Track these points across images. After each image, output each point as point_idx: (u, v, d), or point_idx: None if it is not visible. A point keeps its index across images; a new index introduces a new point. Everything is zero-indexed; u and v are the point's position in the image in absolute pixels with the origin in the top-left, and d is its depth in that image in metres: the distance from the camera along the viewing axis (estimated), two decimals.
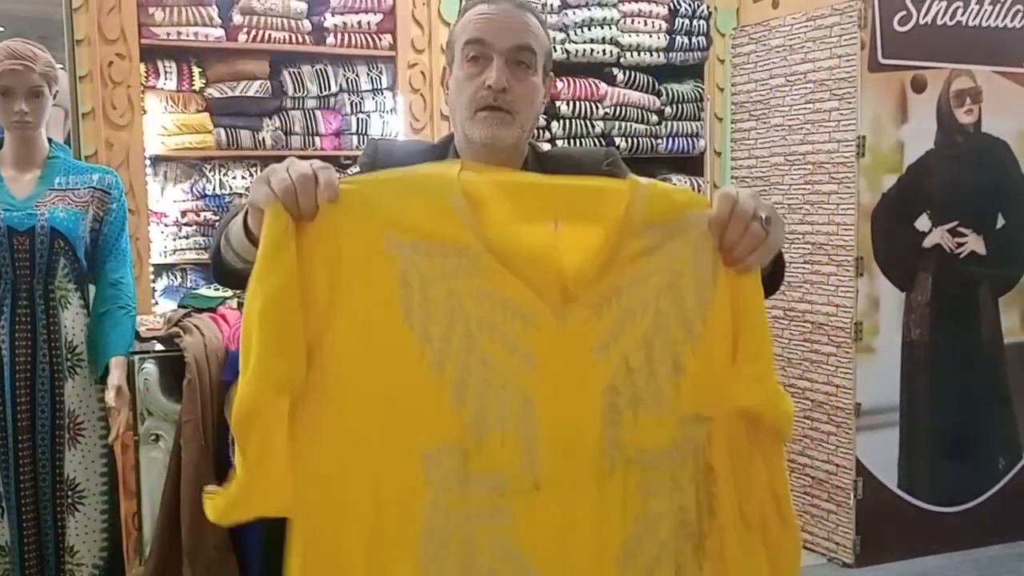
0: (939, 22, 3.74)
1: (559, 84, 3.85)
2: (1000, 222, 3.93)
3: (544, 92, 1.50)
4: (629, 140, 4.07)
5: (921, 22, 3.71)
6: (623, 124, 4.07)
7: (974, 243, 3.86)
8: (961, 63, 3.79)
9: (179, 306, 2.86)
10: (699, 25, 4.17)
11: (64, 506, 2.56)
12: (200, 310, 2.66)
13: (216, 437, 2.40)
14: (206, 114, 3.55)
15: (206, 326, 2.52)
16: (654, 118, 4.16)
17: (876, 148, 3.67)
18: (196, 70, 3.54)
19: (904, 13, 3.68)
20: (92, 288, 2.68)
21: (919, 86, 3.73)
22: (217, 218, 3.57)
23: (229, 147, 3.57)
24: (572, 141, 3.92)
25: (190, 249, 3.57)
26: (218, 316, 2.59)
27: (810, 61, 3.83)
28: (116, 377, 2.48)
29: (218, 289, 2.83)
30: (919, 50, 3.70)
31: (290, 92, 3.65)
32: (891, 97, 3.70)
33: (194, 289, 3.35)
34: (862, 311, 3.69)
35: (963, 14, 3.79)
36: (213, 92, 3.54)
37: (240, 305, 2.64)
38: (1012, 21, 3.85)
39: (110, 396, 2.46)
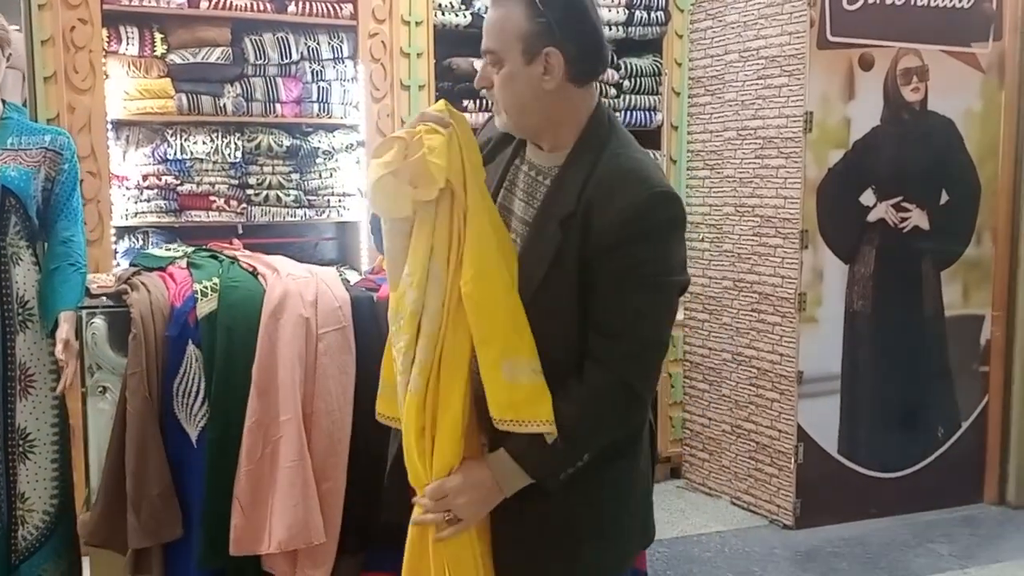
0: (887, 1, 3.81)
1: None
2: (944, 198, 4.02)
3: (542, 71, 1.55)
4: None
5: (870, 1, 3.78)
6: None
7: (918, 218, 3.96)
8: (908, 42, 3.87)
9: (130, 264, 2.93)
10: (658, 0, 4.23)
11: (15, 455, 2.66)
12: (150, 269, 2.73)
13: (161, 389, 2.49)
14: (168, 80, 3.62)
15: (153, 284, 2.59)
16: (613, 92, 4.24)
17: (823, 124, 3.76)
18: (158, 36, 3.60)
19: None
20: (45, 246, 2.76)
21: (867, 64, 3.82)
22: (179, 183, 3.65)
23: (190, 112, 3.64)
24: None
25: (151, 212, 3.65)
26: (166, 275, 2.66)
27: (762, 38, 3.91)
28: (64, 331, 2.57)
29: (169, 249, 2.91)
30: (867, 28, 3.78)
31: (251, 59, 3.71)
32: (839, 74, 3.78)
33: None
34: (806, 283, 3.79)
35: None
36: (175, 58, 3.61)
37: (190, 265, 2.71)
38: (959, 1, 3.92)
39: (59, 349, 2.54)
